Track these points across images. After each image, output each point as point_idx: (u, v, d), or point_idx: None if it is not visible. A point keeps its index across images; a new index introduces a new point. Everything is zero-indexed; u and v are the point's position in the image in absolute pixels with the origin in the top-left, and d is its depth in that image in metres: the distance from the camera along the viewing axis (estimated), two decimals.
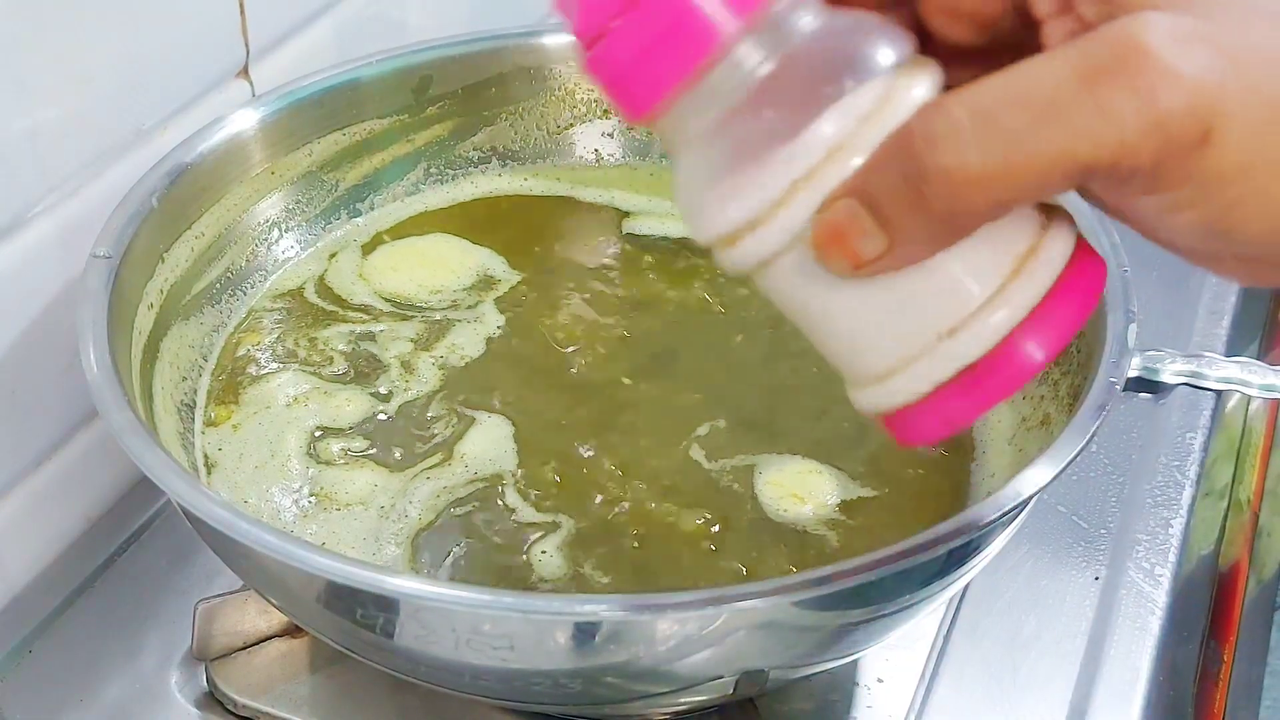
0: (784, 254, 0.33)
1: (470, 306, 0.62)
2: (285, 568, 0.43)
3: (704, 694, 0.47)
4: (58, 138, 0.54)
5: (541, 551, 0.51)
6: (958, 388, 0.33)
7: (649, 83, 0.32)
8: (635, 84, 0.32)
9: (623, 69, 0.32)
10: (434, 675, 0.47)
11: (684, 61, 0.32)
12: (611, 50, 0.32)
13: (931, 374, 0.33)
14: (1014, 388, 0.33)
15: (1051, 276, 0.33)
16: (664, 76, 0.32)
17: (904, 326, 0.33)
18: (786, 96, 0.32)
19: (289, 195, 0.64)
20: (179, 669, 0.54)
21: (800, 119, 0.31)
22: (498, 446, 0.55)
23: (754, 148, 0.32)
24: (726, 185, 0.32)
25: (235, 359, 0.59)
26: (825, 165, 0.31)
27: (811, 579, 0.42)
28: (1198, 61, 0.29)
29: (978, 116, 0.30)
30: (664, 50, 0.32)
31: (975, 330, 0.32)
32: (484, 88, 0.68)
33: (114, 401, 0.47)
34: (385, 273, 0.63)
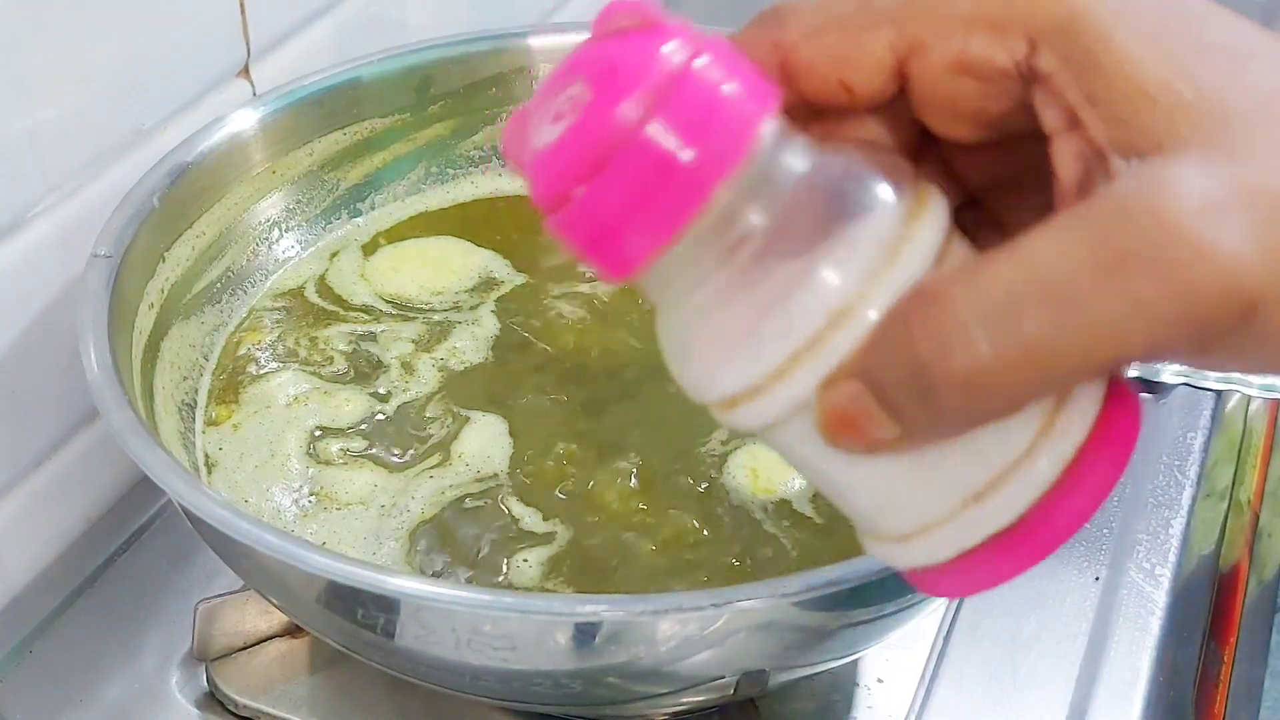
0: (788, 422, 0.29)
1: (472, 308, 0.62)
2: (286, 567, 0.43)
3: (705, 694, 0.47)
4: (58, 137, 0.54)
5: (523, 560, 0.51)
6: (985, 553, 0.30)
7: (626, 249, 0.28)
8: (611, 250, 0.28)
9: (595, 235, 0.28)
10: (434, 675, 0.47)
11: (666, 224, 0.28)
12: (582, 215, 0.28)
13: (957, 541, 0.30)
14: (1048, 551, 0.29)
15: (1086, 427, 0.29)
16: (643, 241, 0.28)
17: (925, 492, 0.30)
18: (780, 252, 0.28)
19: (289, 195, 0.64)
20: (179, 669, 0.54)
21: (797, 278, 0.28)
22: (496, 447, 0.55)
23: (747, 310, 0.29)
24: (719, 351, 0.29)
25: (236, 358, 0.59)
26: (828, 332, 0.28)
27: (812, 580, 0.42)
28: (1234, 235, 0.25)
29: (988, 317, 0.26)
30: (643, 213, 0.28)
31: (1005, 495, 0.29)
32: (485, 87, 0.68)
33: (114, 401, 0.47)
34: (386, 274, 0.63)
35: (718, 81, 0.28)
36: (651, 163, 0.27)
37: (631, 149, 0.27)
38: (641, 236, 0.28)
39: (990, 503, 0.29)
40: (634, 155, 0.27)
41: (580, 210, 0.28)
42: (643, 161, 0.27)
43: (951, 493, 0.29)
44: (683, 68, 0.28)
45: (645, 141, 0.27)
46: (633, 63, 0.28)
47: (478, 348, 0.59)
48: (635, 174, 0.27)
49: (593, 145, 0.27)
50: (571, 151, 0.28)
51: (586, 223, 0.28)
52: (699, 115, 0.27)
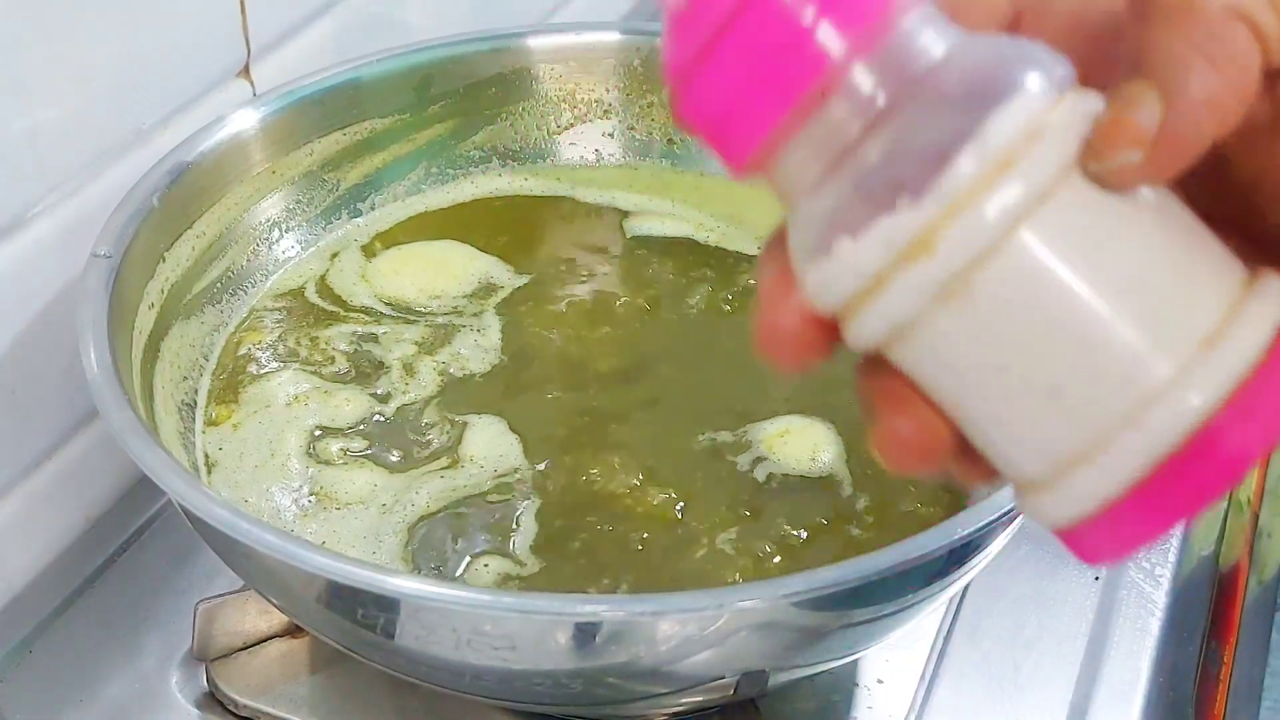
0: (945, 308, 0.25)
1: (475, 314, 0.61)
2: (286, 567, 0.43)
3: (705, 694, 0.47)
4: (58, 137, 0.54)
5: (509, 562, 0.51)
6: (1160, 482, 0.25)
7: (746, 124, 0.26)
8: (730, 130, 0.26)
9: (715, 113, 0.26)
10: (434, 676, 0.47)
11: (785, 93, 0.26)
12: (703, 89, 0.26)
13: (1123, 467, 0.25)
14: (1233, 478, 0.25)
15: (1267, 334, 0.25)
16: (763, 114, 0.26)
17: (1093, 390, 0.25)
18: (923, 124, 0.26)
19: (290, 195, 0.63)
20: (179, 669, 0.54)
21: (952, 133, 0.25)
22: (497, 449, 0.55)
23: (894, 181, 0.25)
24: (860, 231, 0.25)
25: (236, 358, 0.59)
26: (982, 189, 0.25)
27: (812, 580, 0.42)
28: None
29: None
30: (763, 82, 0.26)
31: (1180, 397, 0.25)
32: (485, 87, 0.68)
33: (114, 401, 0.47)
34: (388, 275, 0.63)
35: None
36: (776, 25, 0.25)
37: (754, 9, 0.25)
38: (763, 108, 0.26)
39: (1165, 407, 0.25)
40: (758, 17, 0.25)
41: (703, 83, 0.26)
42: (766, 25, 0.25)
43: (1123, 393, 0.25)
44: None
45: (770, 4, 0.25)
46: None
47: (482, 355, 0.59)
48: (759, 36, 0.25)
49: (718, 6, 0.25)
50: (698, 12, 0.26)
51: (706, 98, 0.26)
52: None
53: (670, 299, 0.62)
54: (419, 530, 0.52)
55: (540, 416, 0.56)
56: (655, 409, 0.57)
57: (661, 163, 0.70)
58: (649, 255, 0.65)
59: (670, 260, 0.65)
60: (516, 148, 0.69)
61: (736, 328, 0.61)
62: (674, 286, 0.63)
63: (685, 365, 0.59)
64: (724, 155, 0.27)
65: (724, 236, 0.65)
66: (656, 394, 0.57)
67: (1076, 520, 0.26)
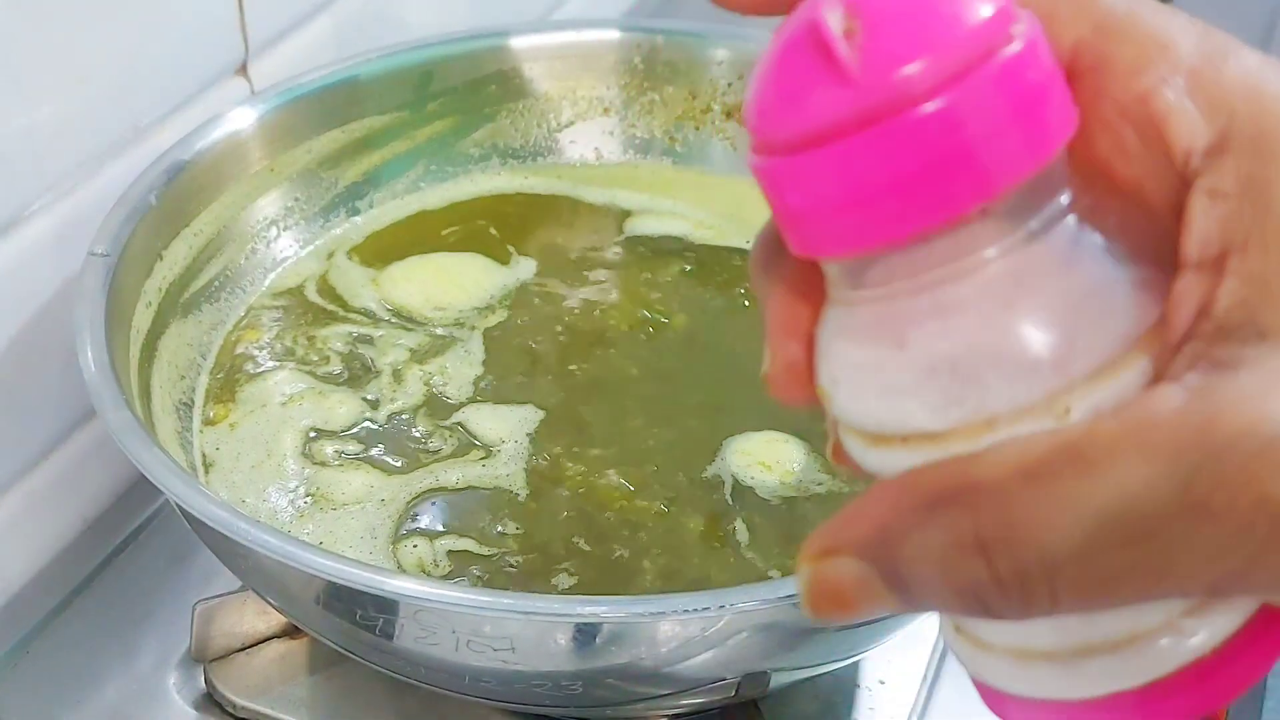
0: None
1: (473, 328, 0.61)
2: (284, 568, 0.43)
3: (706, 696, 0.47)
4: (55, 136, 0.54)
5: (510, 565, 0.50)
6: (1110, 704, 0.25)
7: (866, 227, 0.23)
8: (843, 223, 0.23)
9: (827, 202, 0.23)
10: (434, 677, 0.47)
11: (933, 210, 0.23)
12: (820, 173, 0.23)
13: (1065, 686, 0.25)
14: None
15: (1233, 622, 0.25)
16: (893, 223, 0.23)
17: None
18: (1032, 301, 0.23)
19: (288, 193, 0.63)
20: (177, 670, 0.54)
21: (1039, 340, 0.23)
22: (492, 451, 0.54)
23: (965, 348, 0.23)
24: (921, 381, 0.24)
25: (234, 357, 0.58)
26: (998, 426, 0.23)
27: None
28: None
29: (1070, 536, 0.22)
30: (905, 193, 0.23)
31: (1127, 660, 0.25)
32: (484, 84, 0.68)
33: (112, 401, 0.47)
34: (397, 281, 0.63)
35: (1043, 70, 0.23)
36: (941, 135, 0.22)
37: (941, 108, 0.22)
38: (897, 219, 0.23)
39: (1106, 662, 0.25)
40: (942, 115, 0.22)
41: (823, 165, 0.23)
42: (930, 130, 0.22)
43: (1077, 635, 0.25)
44: (1023, 37, 0.23)
45: (965, 98, 0.22)
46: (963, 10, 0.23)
47: (475, 356, 0.59)
48: (917, 141, 0.22)
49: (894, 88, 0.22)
50: (865, 81, 0.22)
51: (823, 186, 0.23)
52: (1021, 100, 0.23)
53: (671, 298, 0.62)
54: (405, 520, 0.51)
55: (540, 421, 0.56)
56: (655, 409, 0.56)
57: (663, 161, 0.69)
58: (650, 254, 0.65)
59: (671, 258, 0.64)
60: (517, 145, 0.69)
61: (738, 327, 0.60)
62: (675, 285, 0.63)
63: (686, 366, 0.59)
64: (797, 236, 0.25)
65: (725, 234, 0.65)
66: (656, 394, 0.57)
67: (1011, 695, 0.26)
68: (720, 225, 0.65)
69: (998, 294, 0.23)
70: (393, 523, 0.52)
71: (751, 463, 0.53)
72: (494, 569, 0.50)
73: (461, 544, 0.51)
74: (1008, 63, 0.23)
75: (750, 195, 0.67)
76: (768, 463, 0.53)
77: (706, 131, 0.68)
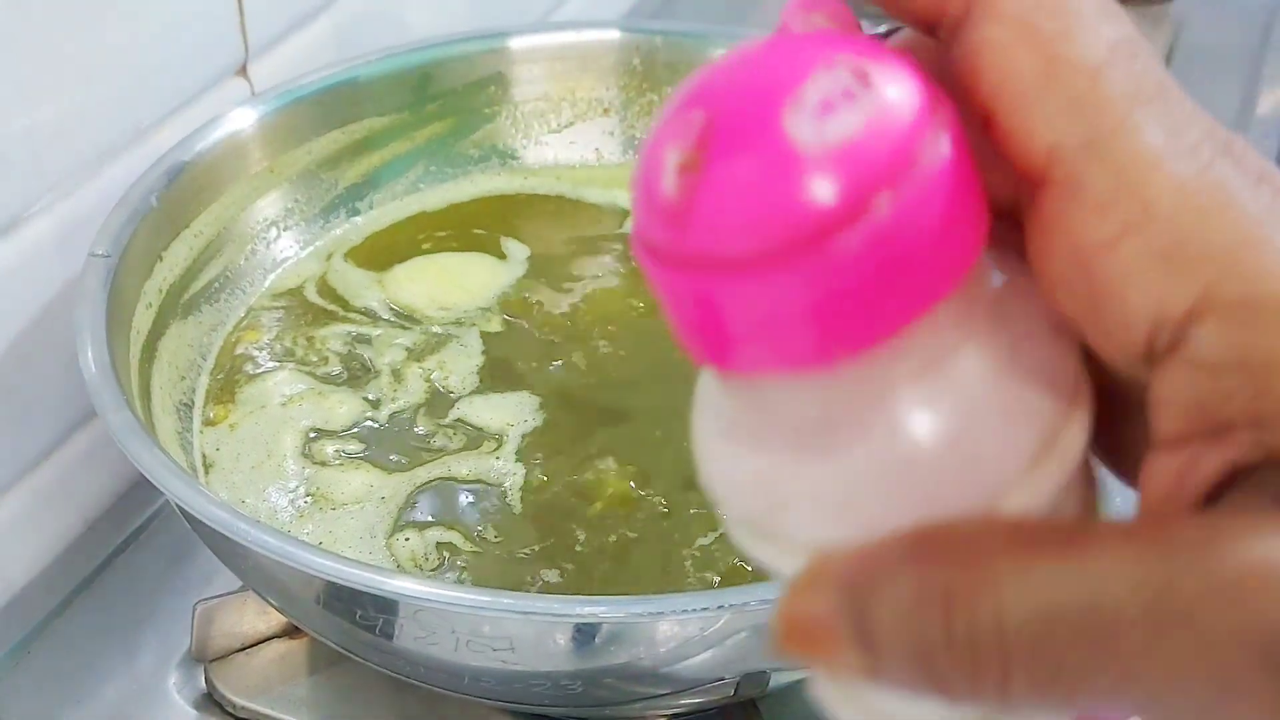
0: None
1: (472, 325, 0.61)
2: (284, 568, 0.43)
3: (706, 695, 0.47)
4: (56, 137, 0.54)
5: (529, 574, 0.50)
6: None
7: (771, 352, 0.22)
8: (746, 347, 0.22)
9: (736, 331, 0.22)
10: (434, 677, 0.47)
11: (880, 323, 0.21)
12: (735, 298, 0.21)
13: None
14: None
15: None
16: (860, 331, 0.21)
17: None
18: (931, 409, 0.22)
19: (288, 194, 0.63)
20: (177, 670, 0.54)
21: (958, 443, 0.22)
22: (492, 452, 0.55)
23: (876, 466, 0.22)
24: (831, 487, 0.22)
25: (234, 358, 0.59)
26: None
27: None
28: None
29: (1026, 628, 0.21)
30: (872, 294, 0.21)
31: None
32: (484, 85, 0.68)
33: (112, 401, 0.47)
34: (402, 282, 0.63)
35: (965, 175, 0.21)
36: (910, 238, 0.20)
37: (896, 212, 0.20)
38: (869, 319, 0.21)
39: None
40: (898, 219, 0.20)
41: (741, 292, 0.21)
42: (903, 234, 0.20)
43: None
44: (948, 143, 0.21)
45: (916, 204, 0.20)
46: (915, 98, 0.21)
47: (473, 358, 0.59)
48: (893, 244, 0.20)
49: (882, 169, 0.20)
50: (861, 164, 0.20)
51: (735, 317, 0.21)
52: (952, 209, 0.21)
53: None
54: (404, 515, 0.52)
55: (540, 420, 0.56)
56: (655, 409, 0.56)
57: None
58: None
59: None
60: (516, 146, 0.69)
61: None
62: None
63: (687, 366, 0.59)
64: (706, 350, 0.23)
65: None
66: (656, 394, 0.57)
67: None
68: None
69: (926, 405, 0.22)
70: (392, 521, 0.52)
71: None
72: (483, 563, 0.50)
73: (449, 536, 0.51)
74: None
75: None
76: None
77: None
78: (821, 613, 0.22)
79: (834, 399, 0.22)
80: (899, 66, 0.21)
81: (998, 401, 0.22)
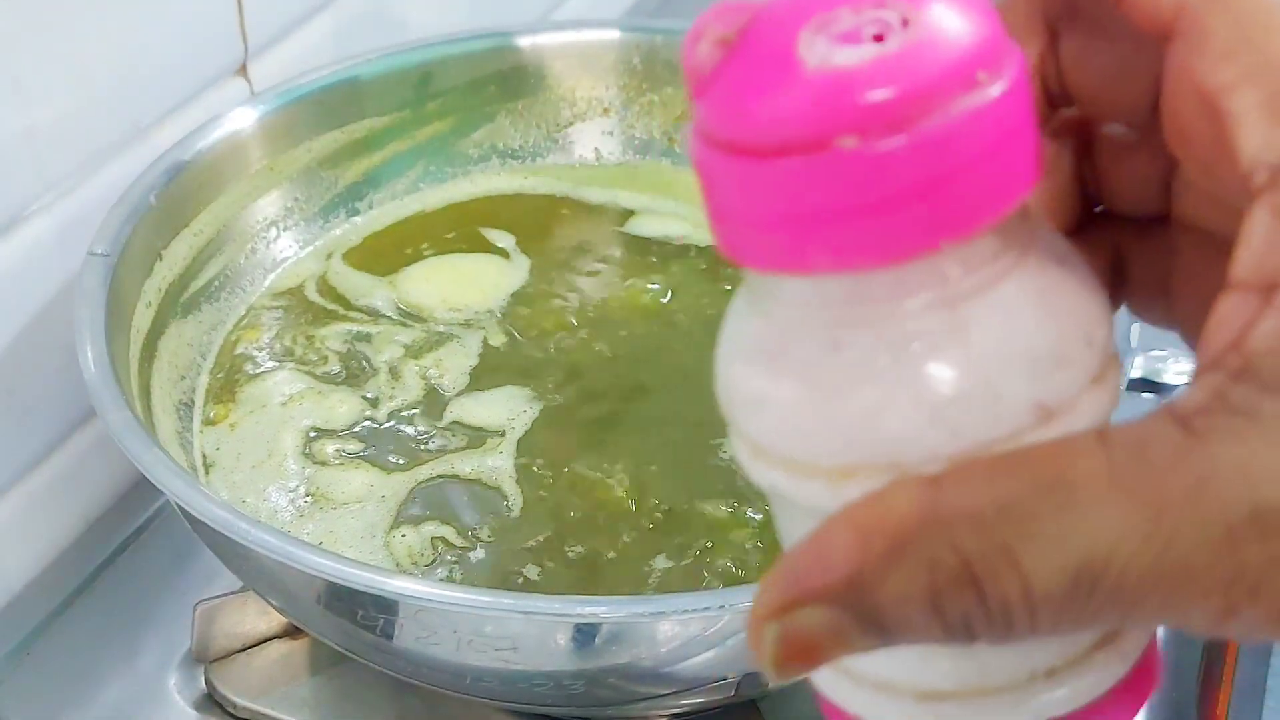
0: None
1: (482, 327, 0.61)
2: (285, 568, 0.43)
3: (706, 695, 0.47)
4: (55, 136, 0.54)
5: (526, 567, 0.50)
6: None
7: (892, 235, 0.22)
8: (860, 230, 0.22)
9: (845, 203, 0.22)
10: (435, 677, 0.47)
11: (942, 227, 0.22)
12: (862, 167, 0.21)
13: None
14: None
15: (1126, 666, 0.25)
16: (918, 235, 0.22)
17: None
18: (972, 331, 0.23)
19: (287, 193, 0.63)
20: (178, 671, 0.54)
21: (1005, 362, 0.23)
22: (494, 452, 0.54)
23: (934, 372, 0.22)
24: (872, 400, 0.23)
25: (233, 357, 0.58)
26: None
27: None
28: None
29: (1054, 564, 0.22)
30: (930, 200, 0.22)
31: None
32: (484, 85, 0.68)
33: (112, 401, 0.47)
34: (416, 282, 0.63)
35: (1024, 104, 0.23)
36: (979, 140, 0.22)
37: (973, 116, 0.21)
38: (923, 227, 0.22)
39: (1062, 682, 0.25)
40: (970, 123, 0.21)
41: (863, 161, 0.21)
42: (971, 135, 0.22)
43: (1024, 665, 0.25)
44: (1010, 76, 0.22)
45: (986, 111, 0.22)
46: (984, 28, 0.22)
47: (473, 359, 0.59)
48: (957, 145, 0.21)
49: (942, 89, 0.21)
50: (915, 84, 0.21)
51: (853, 182, 0.22)
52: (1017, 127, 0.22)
53: (670, 298, 0.62)
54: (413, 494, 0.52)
55: (539, 420, 0.56)
56: (654, 411, 0.56)
57: (661, 161, 0.69)
58: (649, 254, 0.65)
59: (673, 258, 0.64)
60: (516, 146, 0.69)
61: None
62: (674, 286, 0.63)
63: (685, 367, 0.59)
64: (831, 244, 0.22)
65: None
66: (654, 395, 0.57)
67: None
68: None
69: (982, 323, 0.23)
70: (391, 520, 0.52)
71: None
72: (477, 559, 0.50)
73: (443, 531, 0.51)
74: (1000, 99, 0.22)
75: None
76: None
77: None
78: (820, 627, 0.22)
79: (846, 319, 0.23)
80: (962, 16, 0.22)
81: (1044, 329, 0.23)
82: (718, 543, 0.50)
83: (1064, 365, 0.23)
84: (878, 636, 0.22)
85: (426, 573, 0.50)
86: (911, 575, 0.22)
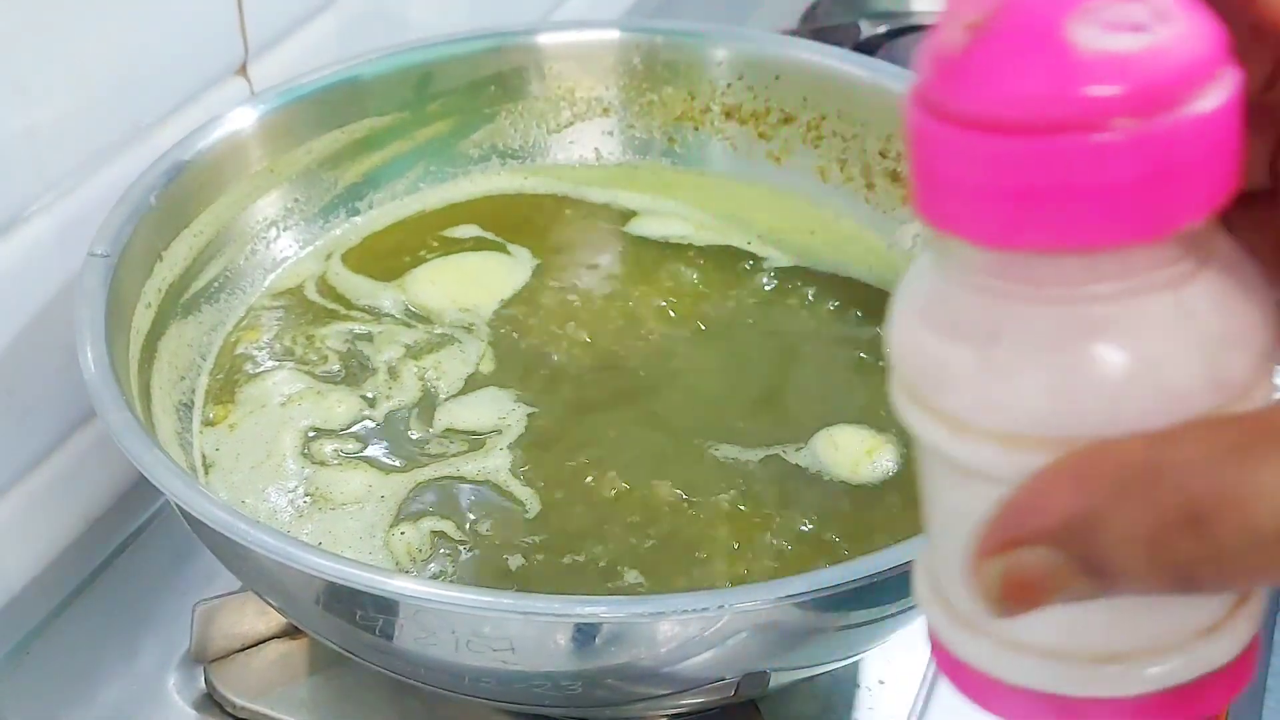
0: None
1: (485, 327, 0.61)
2: (284, 569, 0.43)
3: (706, 696, 0.47)
4: (55, 136, 0.54)
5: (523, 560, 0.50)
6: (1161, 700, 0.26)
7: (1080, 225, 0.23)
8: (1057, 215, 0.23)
9: (1041, 191, 0.23)
10: (434, 677, 0.47)
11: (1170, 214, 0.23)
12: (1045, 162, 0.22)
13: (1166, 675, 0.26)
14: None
15: (1252, 628, 0.26)
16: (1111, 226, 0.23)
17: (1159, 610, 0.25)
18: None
19: (288, 193, 0.63)
20: (177, 671, 0.54)
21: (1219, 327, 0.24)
22: (495, 452, 0.54)
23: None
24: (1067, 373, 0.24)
25: (233, 358, 0.58)
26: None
27: (813, 581, 0.41)
28: None
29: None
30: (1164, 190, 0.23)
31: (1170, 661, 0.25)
32: (484, 85, 0.68)
33: (112, 401, 0.47)
34: (423, 284, 0.63)
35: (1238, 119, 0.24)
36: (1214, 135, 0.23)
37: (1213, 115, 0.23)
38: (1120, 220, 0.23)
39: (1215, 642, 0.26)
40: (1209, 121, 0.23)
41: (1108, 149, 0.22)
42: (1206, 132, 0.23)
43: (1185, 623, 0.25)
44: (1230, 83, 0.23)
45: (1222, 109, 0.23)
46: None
47: (474, 359, 0.59)
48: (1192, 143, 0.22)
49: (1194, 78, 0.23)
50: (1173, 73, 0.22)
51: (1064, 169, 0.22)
52: (1194, 151, 0.23)
53: (670, 299, 0.62)
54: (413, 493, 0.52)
55: (539, 420, 0.56)
56: (654, 411, 0.56)
57: (662, 161, 0.69)
58: (649, 254, 0.65)
59: (673, 259, 0.64)
60: (516, 146, 0.69)
61: (738, 329, 0.60)
62: (674, 286, 0.63)
63: (686, 367, 0.59)
64: (960, 220, 0.24)
65: (726, 235, 0.65)
66: (657, 394, 0.57)
67: (1021, 685, 0.26)
68: (720, 226, 0.65)
69: (1182, 312, 0.24)
70: (391, 520, 0.52)
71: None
72: (473, 554, 0.50)
73: (442, 526, 0.51)
74: (1225, 104, 0.23)
75: (749, 196, 0.67)
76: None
77: (705, 132, 0.68)
78: (1039, 568, 0.23)
79: (1038, 296, 0.24)
80: (1199, 15, 0.23)
81: (1228, 326, 0.24)
82: (717, 542, 0.50)
83: (1243, 357, 0.24)
84: (1097, 582, 0.23)
85: (425, 568, 0.50)
86: (1136, 516, 0.22)
